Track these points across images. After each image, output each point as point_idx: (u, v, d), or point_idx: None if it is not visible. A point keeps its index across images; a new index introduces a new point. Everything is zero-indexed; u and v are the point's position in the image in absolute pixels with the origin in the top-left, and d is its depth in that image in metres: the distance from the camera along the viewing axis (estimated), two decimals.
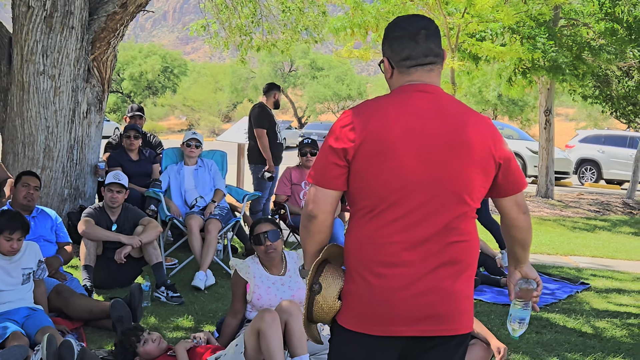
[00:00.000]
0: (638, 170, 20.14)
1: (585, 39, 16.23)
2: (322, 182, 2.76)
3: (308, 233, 2.83)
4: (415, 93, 2.76)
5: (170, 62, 66.83)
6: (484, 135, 2.74)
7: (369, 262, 2.72)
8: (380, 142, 2.67)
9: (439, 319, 2.71)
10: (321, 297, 2.83)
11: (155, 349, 5.04)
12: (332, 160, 2.73)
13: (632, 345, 6.25)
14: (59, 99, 8.17)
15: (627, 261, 10.83)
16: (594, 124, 46.43)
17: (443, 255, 2.70)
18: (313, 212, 2.78)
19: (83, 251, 6.75)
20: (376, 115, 2.71)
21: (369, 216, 2.73)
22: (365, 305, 2.72)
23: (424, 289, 2.69)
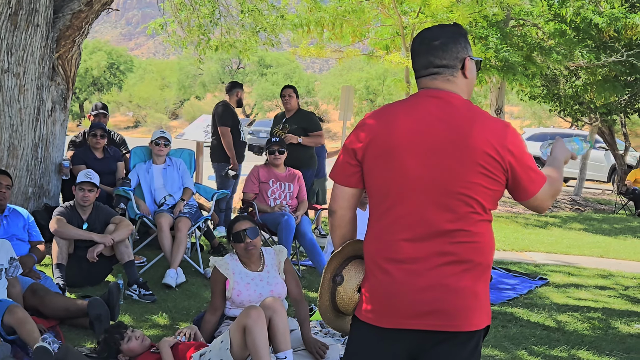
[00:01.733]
0: (585, 168, 20.62)
1: (535, 39, 16.56)
2: (338, 179, 3.00)
3: (331, 227, 3.08)
4: (426, 98, 2.89)
5: (116, 59, 66.10)
6: (490, 139, 2.79)
7: (377, 258, 2.88)
8: (385, 143, 2.83)
9: (443, 315, 2.80)
10: (342, 289, 3.05)
11: (138, 346, 5.09)
12: (346, 159, 2.96)
13: (594, 338, 6.47)
14: (23, 97, 8.12)
15: (581, 256, 11.14)
16: (538, 122, 47.18)
17: (448, 254, 2.79)
18: (332, 207, 3.03)
19: (55, 250, 6.74)
20: (384, 118, 2.89)
21: (378, 214, 2.90)
22: (375, 299, 2.87)
23: (427, 284, 2.79)
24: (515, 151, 2.82)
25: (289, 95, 9.60)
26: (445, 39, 2.92)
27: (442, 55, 2.91)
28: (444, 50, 2.91)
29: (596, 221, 15.79)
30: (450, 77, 2.92)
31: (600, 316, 7.30)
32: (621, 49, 16.38)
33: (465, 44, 2.95)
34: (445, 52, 2.91)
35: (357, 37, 15.94)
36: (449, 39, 2.92)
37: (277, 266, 5.47)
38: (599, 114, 20.14)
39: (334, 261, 3.09)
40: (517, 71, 15.54)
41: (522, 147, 2.86)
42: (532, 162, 2.87)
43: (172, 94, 64.92)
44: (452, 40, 2.92)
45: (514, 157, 2.82)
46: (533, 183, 2.88)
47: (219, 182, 9.95)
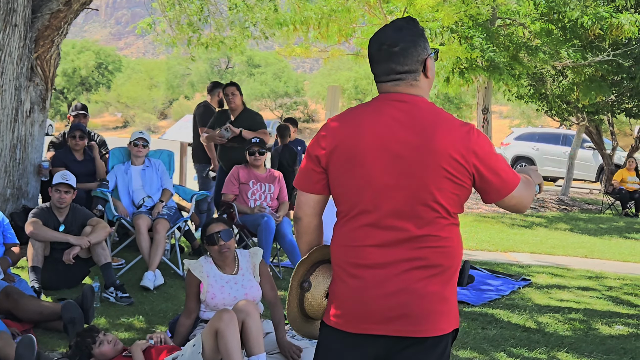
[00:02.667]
0: (572, 167, 20.63)
1: (522, 39, 16.55)
2: (303, 186, 2.95)
3: (297, 234, 3.06)
4: (389, 102, 2.84)
5: (104, 58, 65.93)
6: (454, 142, 2.74)
7: (344, 264, 2.86)
8: (350, 149, 2.80)
9: (410, 320, 2.77)
10: (310, 295, 3.02)
11: (110, 350, 5.03)
12: (310, 166, 2.91)
13: (574, 340, 6.44)
14: (1, 98, 8.03)
15: (565, 257, 11.12)
16: (527, 121, 47.24)
17: (415, 259, 2.76)
18: (297, 214, 2.99)
19: (30, 252, 6.67)
20: (349, 124, 2.84)
21: (345, 220, 2.87)
22: (342, 304, 2.85)
23: (395, 289, 2.76)
24: (480, 153, 2.77)
25: (232, 94, 8.97)
26: (405, 44, 2.83)
27: (403, 61, 2.84)
28: (404, 56, 2.83)
29: (582, 221, 15.79)
30: (413, 81, 2.86)
31: (582, 317, 7.27)
32: (607, 48, 16.38)
33: (424, 44, 2.87)
34: (406, 58, 2.83)
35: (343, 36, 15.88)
36: (408, 44, 2.83)
37: (252, 269, 5.41)
38: (586, 114, 20.16)
39: (301, 268, 3.06)
40: (503, 71, 15.52)
41: (488, 149, 2.79)
42: (502, 163, 2.82)
43: (161, 94, 64.78)
44: (412, 44, 2.83)
45: (480, 159, 2.77)
46: (505, 183, 2.83)
47: (200, 182, 9.89)
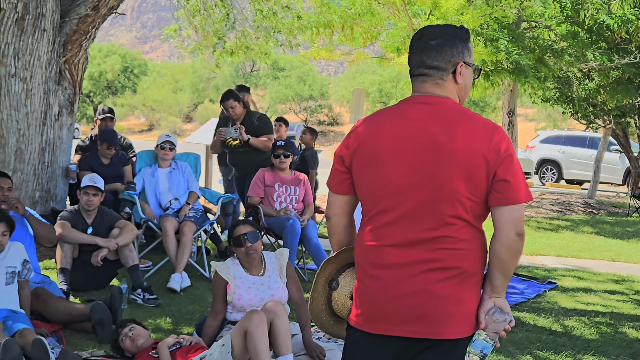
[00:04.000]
0: (599, 170, 20.50)
1: (547, 41, 16.47)
2: (331, 186, 3.03)
3: (328, 232, 3.13)
4: (414, 104, 2.86)
5: (130, 62, 66.30)
6: (475, 143, 2.72)
7: (365, 264, 2.90)
8: (371, 150, 2.84)
9: (426, 321, 2.77)
10: (337, 294, 3.09)
11: (130, 345, 5.14)
12: (336, 166, 2.97)
13: (601, 343, 6.41)
14: (30, 102, 8.15)
15: (592, 260, 11.06)
16: (553, 124, 46.99)
17: (432, 260, 2.77)
18: (327, 213, 3.07)
19: (59, 254, 6.74)
20: (372, 125, 2.89)
21: (366, 219, 2.92)
22: (363, 304, 2.90)
23: (411, 290, 2.77)
24: (502, 154, 2.74)
25: (231, 107, 8.86)
26: (442, 40, 2.85)
27: (434, 56, 2.85)
28: (437, 51, 2.85)
29: (609, 224, 15.68)
30: (439, 80, 2.86)
31: (608, 321, 7.24)
32: (634, 50, 16.27)
33: (462, 49, 2.86)
34: (438, 54, 2.85)
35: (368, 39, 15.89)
36: (445, 41, 2.85)
37: (279, 270, 5.45)
38: (613, 116, 20.02)
39: (329, 266, 3.11)
40: (529, 74, 15.46)
41: (511, 151, 2.76)
42: (520, 171, 2.77)
43: (186, 97, 65.07)
44: (448, 43, 2.85)
45: (500, 160, 2.73)
46: (517, 191, 2.76)
47: (225, 185, 9.94)
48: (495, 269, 2.82)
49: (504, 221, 2.77)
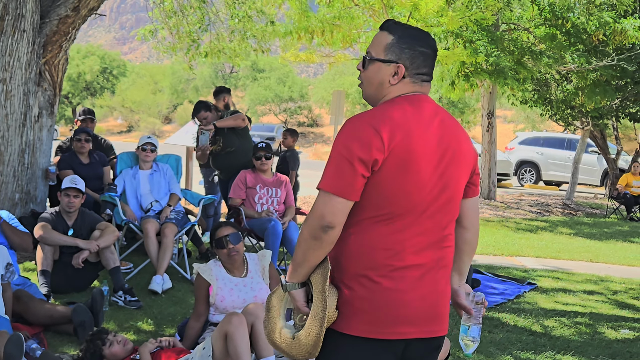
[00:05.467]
0: (577, 172, 20.64)
1: (526, 43, 16.58)
2: (347, 193, 2.71)
3: (320, 245, 2.74)
4: (425, 104, 2.86)
5: (109, 63, 65.98)
6: (470, 144, 2.94)
7: (382, 266, 2.74)
8: (405, 154, 2.72)
9: (438, 320, 2.83)
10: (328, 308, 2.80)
11: (120, 350, 5.08)
12: (360, 171, 2.69)
13: (580, 344, 6.46)
14: (10, 103, 8.10)
15: (570, 261, 11.14)
16: (532, 126, 47.25)
17: (440, 258, 2.84)
18: (332, 223, 2.71)
19: (40, 256, 6.71)
20: (399, 126, 2.73)
21: (384, 223, 2.76)
22: (378, 308, 2.74)
23: (428, 290, 2.79)
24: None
25: (204, 119, 9.02)
26: None
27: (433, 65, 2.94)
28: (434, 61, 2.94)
29: (587, 225, 15.80)
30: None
31: (588, 321, 7.30)
32: (612, 53, 16.41)
33: None
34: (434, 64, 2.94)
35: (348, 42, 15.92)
36: None
37: (261, 271, 5.47)
38: (591, 118, 20.17)
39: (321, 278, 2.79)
40: (508, 75, 15.55)
41: None
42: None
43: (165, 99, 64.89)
44: None
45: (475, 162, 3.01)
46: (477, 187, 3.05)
47: (206, 187, 9.94)
48: (466, 256, 3.05)
49: (475, 210, 3.03)
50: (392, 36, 2.87)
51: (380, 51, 2.88)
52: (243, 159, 8.69)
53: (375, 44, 2.91)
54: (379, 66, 2.87)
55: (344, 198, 2.71)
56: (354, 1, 14.56)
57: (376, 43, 2.90)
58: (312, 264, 2.79)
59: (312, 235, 2.73)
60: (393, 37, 2.87)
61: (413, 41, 2.86)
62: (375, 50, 2.90)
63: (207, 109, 9.04)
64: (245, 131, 9.19)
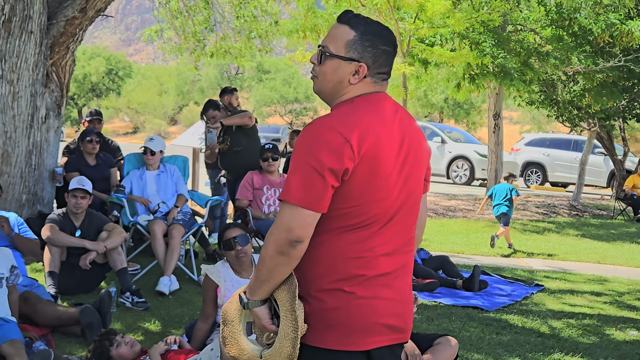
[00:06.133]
0: (583, 173, 20.59)
1: (533, 45, 16.55)
2: (314, 204, 2.56)
3: (288, 260, 2.59)
4: (385, 103, 2.73)
5: (114, 64, 66.15)
6: (425, 139, 2.85)
7: (354, 276, 2.63)
8: (373, 160, 2.60)
9: (407, 327, 2.78)
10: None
11: (128, 351, 5.07)
12: (331, 182, 2.55)
13: (589, 345, 6.45)
14: (17, 104, 8.10)
15: (578, 263, 11.11)
16: (538, 127, 47.17)
17: (406, 265, 2.77)
18: (301, 237, 2.56)
19: (47, 257, 6.71)
20: (367, 131, 2.60)
21: (354, 231, 2.64)
22: (352, 319, 2.64)
23: (397, 298, 2.72)
24: None
25: (212, 118, 9.09)
26: None
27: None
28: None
29: (594, 227, 15.75)
30: None
31: (595, 323, 7.29)
32: (618, 54, 16.37)
33: None
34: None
35: None
36: None
37: None
38: (597, 119, 20.12)
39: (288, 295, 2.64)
40: (514, 77, 15.53)
41: None
42: None
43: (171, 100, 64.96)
44: None
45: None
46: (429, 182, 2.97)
47: (213, 188, 9.94)
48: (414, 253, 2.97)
49: (425, 207, 2.97)
50: (354, 32, 2.69)
51: (341, 47, 2.69)
52: (250, 159, 8.68)
53: (335, 38, 2.71)
54: (338, 63, 2.70)
55: (313, 210, 2.56)
56: (360, 1, 14.57)
57: (336, 37, 2.71)
58: (277, 280, 2.64)
59: (278, 250, 2.57)
60: (355, 33, 2.69)
61: (376, 39, 2.70)
62: (334, 45, 2.70)
63: (215, 107, 9.08)
64: (254, 131, 9.19)
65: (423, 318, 7.04)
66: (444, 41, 16.11)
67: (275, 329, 2.67)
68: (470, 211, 16.27)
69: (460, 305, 7.66)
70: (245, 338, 2.80)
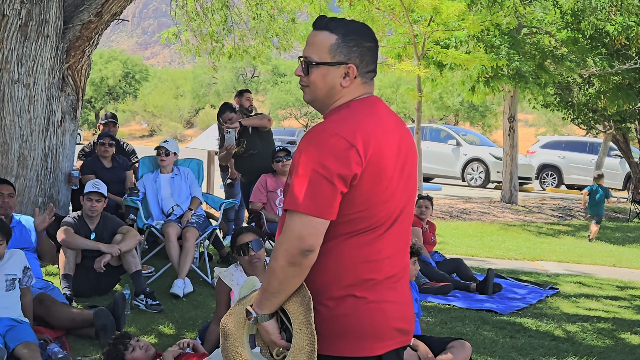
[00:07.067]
0: None
1: (548, 47, 16.51)
2: (327, 213, 2.53)
3: (300, 271, 2.54)
4: (380, 106, 2.72)
5: (131, 68, 66.46)
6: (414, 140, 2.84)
7: (364, 281, 2.61)
8: (377, 163, 2.58)
9: (410, 329, 2.77)
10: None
11: (142, 355, 5.09)
12: (340, 188, 2.52)
13: (603, 349, 6.42)
14: (33, 108, 8.16)
15: (593, 266, 11.07)
16: (553, 129, 47.01)
17: (406, 265, 2.76)
18: (313, 246, 2.52)
19: (62, 260, 6.75)
20: (369, 134, 2.58)
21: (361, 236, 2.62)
22: (363, 325, 2.61)
23: (402, 300, 2.71)
24: None
25: (229, 120, 8.98)
26: None
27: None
28: None
29: (609, 230, 15.69)
30: None
31: (610, 326, 7.25)
32: (634, 56, 16.30)
33: None
34: None
35: None
36: None
37: None
38: (613, 122, 20.05)
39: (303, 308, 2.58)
40: (529, 80, 15.50)
41: None
42: None
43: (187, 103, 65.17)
44: None
45: None
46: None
47: (225, 190, 9.97)
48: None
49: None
50: (335, 35, 2.64)
51: (325, 54, 2.64)
52: (265, 162, 8.70)
53: (316, 45, 2.65)
54: (326, 70, 2.65)
55: (324, 218, 2.52)
56: (374, 4, 14.58)
57: (317, 45, 2.65)
58: (289, 292, 2.58)
59: (290, 261, 2.51)
60: (337, 36, 2.64)
61: (359, 37, 2.66)
62: (317, 53, 2.64)
63: (231, 110, 9.09)
64: (269, 135, 9.23)
65: (437, 321, 7.03)
66: (458, 44, 16.10)
67: (286, 344, 2.60)
68: (485, 214, 16.24)
69: (474, 308, 7.65)
70: (248, 350, 2.74)
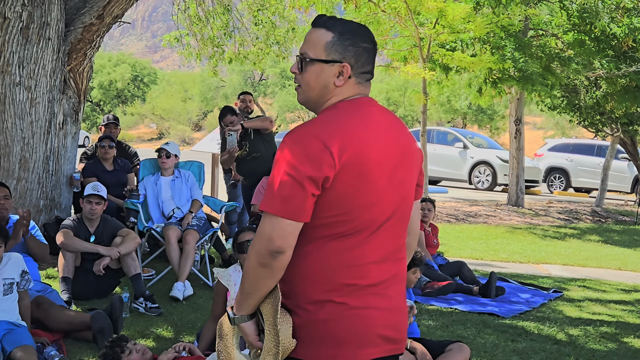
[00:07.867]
0: (606, 179, 20.42)
1: (554, 49, 16.45)
2: (297, 215, 2.48)
3: (271, 272, 2.50)
4: (372, 108, 2.68)
5: (139, 71, 66.57)
6: (416, 143, 2.75)
7: (345, 286, 2.56)
8: (359, 165, 2.52)
9: (401, 337, 2.71)
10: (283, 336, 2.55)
11: (139, 359, 5.06)
12: (310, 190, 2.47)
13: (605, 353, 6.37)
14: (35, 110, 8.16)
15: (598, 269, 11.01)
16: (561, 132, 46.88)
17: (398, 273, 2.69)
18: (282, 247, 2.47)
19: (61, 263, 6.74)
20: (350, 137, 2.54)
21: (343, 239, 2.57)
22: (344, 331, 2.56)
23: (390, 307, 2.65)
24: None
25: (230, 123, 8.90)
26: None
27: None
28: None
29: (616, 233, 15.61)
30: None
31: (614, 330, 7.20)
32: None
33: None
34: None
35: None
36: None
37: None
38: (621, 124, 19.95)
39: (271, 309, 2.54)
40: (536, 82, 15.43)
41: None
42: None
43: (195, 106, 65.25)
44: None
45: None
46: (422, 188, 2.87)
47: (228, 193, 9.95)
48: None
49: (418, 212, 2.92)
50: (331, 33, 2.63)
51: (320, 51, 2.63)
52: (267, 165, 8.65)
53: (312, 42, 2.65)
54: (320, 67, 2.63)
55: (294, 220, 2.48)
56: (380, 7, 14.55)
57: (313, 42, 2.65)
58: (262, 293, 2.55)
59: (260, 262, 2.49)
60: (333, 34, 2.63)
61: (355, 37, 2.65)
62: (313, 50, 2.64)
63: (232, 113, 9.05)
64: (271, 137, 9.19)
65: (438, 324, 6.99)
66: (464, 46, 16.05)
67: (261, 344, 2.59)
68: (491, 217, 16.18)
69: (476, 311, 7.60)
70: (237, 353, 2.73)
